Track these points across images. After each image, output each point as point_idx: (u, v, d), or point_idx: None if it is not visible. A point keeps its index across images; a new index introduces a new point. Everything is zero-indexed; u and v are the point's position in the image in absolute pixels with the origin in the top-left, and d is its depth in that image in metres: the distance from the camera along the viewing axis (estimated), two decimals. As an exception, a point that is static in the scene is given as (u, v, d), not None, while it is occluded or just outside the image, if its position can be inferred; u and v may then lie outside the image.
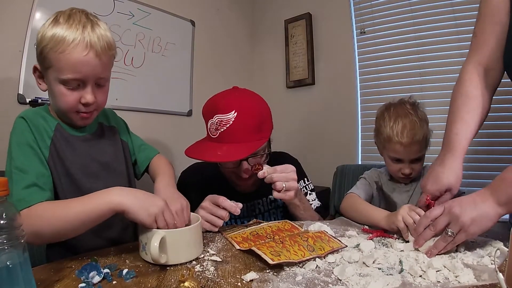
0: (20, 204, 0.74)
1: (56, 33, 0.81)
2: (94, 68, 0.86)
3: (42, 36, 0.83)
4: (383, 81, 2.19)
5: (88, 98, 0.87)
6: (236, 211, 0.94)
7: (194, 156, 1.04)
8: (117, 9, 1.89)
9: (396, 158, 1.17)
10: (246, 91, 1.12)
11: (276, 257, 0.71)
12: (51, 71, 0.85)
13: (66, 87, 0.85)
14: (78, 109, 0.89)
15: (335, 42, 2.40)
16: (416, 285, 0.63)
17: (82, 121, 0.93)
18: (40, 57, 0.86)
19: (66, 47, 0.81)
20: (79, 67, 0.83)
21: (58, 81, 0.84)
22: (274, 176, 0.99)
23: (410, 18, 2.07)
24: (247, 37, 2.87)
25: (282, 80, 2.67)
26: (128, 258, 0.77)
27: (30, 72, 1.51)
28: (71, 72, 0.83)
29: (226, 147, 1.01)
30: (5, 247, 0.48)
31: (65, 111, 0.90)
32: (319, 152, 2.47)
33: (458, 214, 0.74)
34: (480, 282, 0.62)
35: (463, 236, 0.75)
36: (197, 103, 2.33)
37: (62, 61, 0.82)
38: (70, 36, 0.81)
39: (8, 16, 1.51)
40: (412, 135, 1.10)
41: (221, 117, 1.01)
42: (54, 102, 0.91)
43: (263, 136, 1.06)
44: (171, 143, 2.17)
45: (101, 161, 0.98)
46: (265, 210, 1.24)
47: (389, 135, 1.14)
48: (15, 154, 0.82)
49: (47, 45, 0.82)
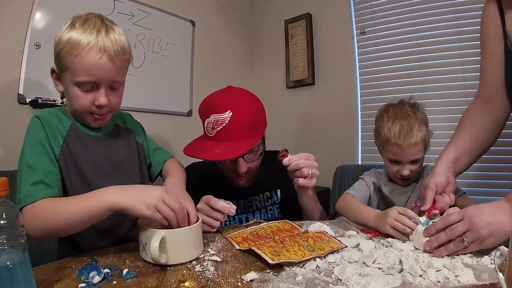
0: (26, 199, 0.78)
1: (72, 36, 0.84)
2: (108, 72, 0.88)
3: (59, 40, 0.86)
4: (383, 81, 2.19)
5: (101, 100, 0.89)
6: (230, 211, 0.95)
7: (193, 154, 1.07)
8: (117, 9, 1.89)
9: (394, 159, 1.18)
10: (240, 90, 1.16)
11: (276, 257, 0.71)
12: (66, 74, 0.87)
13: (80, 89, 0.88)
14: (91, 110, 0.91)
15: (335, 42, 2.40)
16: (416, 284, 0.63)
17: (95, 123, 0.95)
18: (57, 59, 0.89)
19: (80, 50, 0.84)
20: (93, 70, 0.85)
21: (73, 83, 0.87)
22: (301, 163, 1.02)
23: (410, 18, 2.06)
24: (247, 37, 2.87)
25: (282, 80, 2.67)
26: (128, 258, 0.77)
27: (30, 72, 1.55)
28: (85, 75, 0.85)
29: (223, 146, 1.04)
30: (5, 247, 0.48)
31: (80, 112, 0.92)
32: (319, 152, 2.42)
33: (477, 225, 0.73)
34: (480, 282, 0.62)
35: (477, 246, 0.74)
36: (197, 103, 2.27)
37: (77, 64, 0.84)
38: (84, 40, 0.84)
39: (8, 16, 1.51)
40: (410, 137, 1.10)
41: (217, 117, 1.04)
42: (69, 103, 0.94)
43: (257, 134, 1.10)
44: (171, 143, 2.17)
45: (114, 160, 0.99)
46: (262, 207, 1.26)
47: (387, 137, 1.15)
48: (26, 152, 0.85)
49: (63, 49, 0.85)
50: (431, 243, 0.78)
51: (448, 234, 0.76)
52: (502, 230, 0.73)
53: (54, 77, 0.94)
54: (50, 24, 1.61)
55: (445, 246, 0.77)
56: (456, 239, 0.75)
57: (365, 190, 1.25)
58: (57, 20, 1.63)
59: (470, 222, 0.74)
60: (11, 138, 1.49)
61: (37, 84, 1.57)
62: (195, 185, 1.13)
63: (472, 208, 0.78)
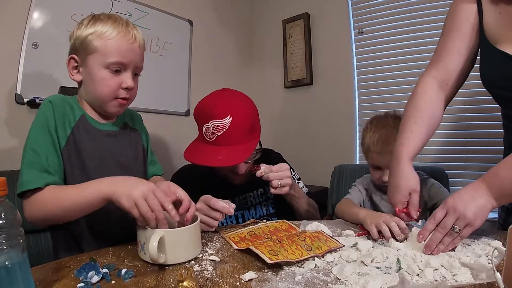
0: (27, 184, 0.79)
1: (102, 25, 0.90)
2: (136, 57, 0.95)
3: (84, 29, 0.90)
4: (381, 81, 2.19)
5: (128, 82, 0.93)
6: (230, 211, 0.96)
7: (196, 161, 1.08)
8: (115, 8, 1.89)
9: (375, 165, 1.23)
10: (237, 94, 1.18)
11: (274, 256, 0.71)
12: (94, 57, 0.90)
13: (109, 71, 0.91)
14: (117, 94, 0.94)
15: (333, 42, 2.40)
16: (414, 283, 0.63)
17: (117, 108, 0.97)
18: (80, 46, 0.91)
19: (115, 35, 0.90)
20: (125, 52, 0.91)
21: (102, 66, 0.90)
22: (270, 176, 1.08)
23: (408, 18, 2.07)
24: (245, 37, 2.87)
25: (280, 80, 2.68)
26: (126, 258, 0.77)
27: (28, 72, 1.54)
28: (118, 56, 0.90)
29: (225, 151, 1.06)
30: (4, 247, 0.48)
31: (104, 97, 0.93)
32: (317, 152, 2.47)
33: (463, 211, 0.77)
34: (478, 281, 0.63)
35: (469, 230, 0.78)
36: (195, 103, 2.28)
37: (110, 46, 0.89)
38: (117, 28, 0.91)
39: (5, 16, 1.51)
40: (386, 145, 1.15)
41: (217, 123, 1.06)
42: (92, 89, 0.94)
43: (256, 136, 1.14)
44: (169, 143, 2.17)
45: (120, 160, 0.99)
46: (257, 203, 1.28)
47: (368, 144, 1.23)
48: (33, 135, 0.86)
49: (93, 33, 0.89)
50: (429, 246, 0.78)
51: (441, 230, 0.78)
52: (483, 210, 0.78)
53: (71, 66, 0.94)
54: (47, 24, 1.61)
55: (441, 241, 0.78)
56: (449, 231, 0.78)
57: (359, 195, 1.30)
58: (55, 20, 1.63)
59: (455, 211, 0.78)
60: (9, 138, 1.49)
61: (34, 84, 1.56)
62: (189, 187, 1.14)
63: (451, 198, 0.81)
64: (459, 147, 1.90)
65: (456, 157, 1.90)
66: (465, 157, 1.87)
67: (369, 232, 0.93)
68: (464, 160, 1.87)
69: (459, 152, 1.90)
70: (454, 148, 1.91)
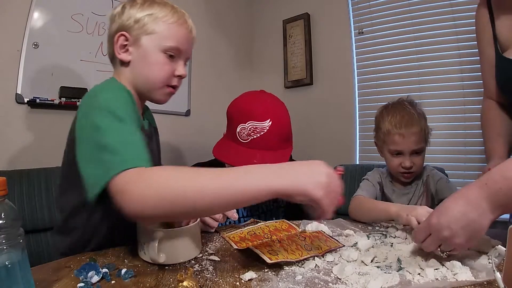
0: (133, 161, 0.63)
1: (160, 9, 0.86)
2: (190, 47, 0.94)
3: (139, 9, 0.85)
4: (381, 81, 2.19)
5: (182, 71, 0.91)
6: (233, 216, 0.94)
7: (228, 161, 1.05)
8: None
9: (396, 151, 1.18)
10: (276, 99, 1.15)
11: (274, 256, 0.71)
12: (151, 38, 0.85)
13: (165, 55, 0.87)
14: (169, 81, 0.91)
15: (333, 42, 2.40)
16: (415, 282, 0.63)
17: (165, 97, 0.95)
18: (136, 24, 0.85)
19: (174, 20, 0.87)
20: (183, 40, 0.89)
21: (160, 49, 0.86)
22: None
23: (408, 18, 2.07)
24: (245, 37, 2.86)
25: (280, 80, 2.67)
26: (126, 258, 0.77)
27: (28, 72, 1.54)
28: (176, 42, 0.87)
29: (259, 155, 1.03)
30: (4, 247, 0.48)
31: (157, 82, 0.89)
32: (317, 152, 2.47)
33: (449, 236, 0.66)
34: (478, 279, 0.63)
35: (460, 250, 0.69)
36: (195, 103, 2.32)
37: (172, 30, 0.87)
38: (176, 14, 0.88)
39: (6, 15, 1.51)
40: (410, 125, 1.13)
41: (255, 124, 1.03)
42: (144, 71, 0.88)
43: (289, 145, 1.11)
44: (169, 143, 2.16)
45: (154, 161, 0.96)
46: (268, 210, 1.25)
47: (388, 128, 1.17)
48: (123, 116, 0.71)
49: (152, 15, 0.85)
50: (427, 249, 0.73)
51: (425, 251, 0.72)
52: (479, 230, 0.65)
53: (119, 44, 0.86)
54: (48, 24, 1.61)
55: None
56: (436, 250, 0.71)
57: (373, 190, 1.23)
58: (55, 20, 1.63)
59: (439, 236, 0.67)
60: (9, 138, 1.49)
61: (35, 84, 1.56)
62: None
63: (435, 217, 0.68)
64: (459, 147, 1.89)
65: (456, 157, 1.89)
66: (465, 157, 1.86)
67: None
68: (464, 160, 1.86)
69: (459, 152, 1.89)
70: (454, 148, 1.90)
